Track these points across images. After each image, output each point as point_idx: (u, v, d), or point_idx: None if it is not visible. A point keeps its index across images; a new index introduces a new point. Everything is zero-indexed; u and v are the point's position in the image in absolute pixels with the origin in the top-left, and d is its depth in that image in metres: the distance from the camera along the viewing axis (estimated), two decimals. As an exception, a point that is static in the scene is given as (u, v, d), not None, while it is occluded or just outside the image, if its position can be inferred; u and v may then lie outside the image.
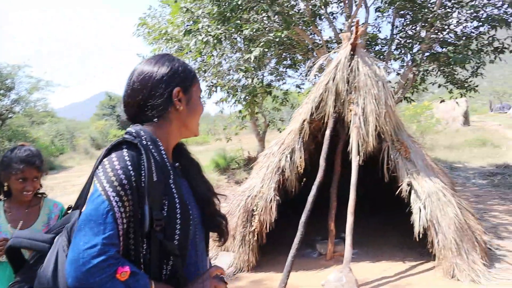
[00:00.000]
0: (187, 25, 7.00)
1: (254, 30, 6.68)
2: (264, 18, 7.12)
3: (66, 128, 27.44)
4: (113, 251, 1.13)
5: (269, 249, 5.35)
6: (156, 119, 1.37)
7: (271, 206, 5.11)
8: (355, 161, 4.92)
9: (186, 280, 1.31)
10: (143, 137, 1.31)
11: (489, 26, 8.23)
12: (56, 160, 19.44)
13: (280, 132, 9.95)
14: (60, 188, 12.21)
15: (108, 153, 1.25)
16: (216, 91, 8.91)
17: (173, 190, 1.30)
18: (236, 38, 8.05)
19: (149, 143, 1.30)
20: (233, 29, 6.74)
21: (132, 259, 1.22)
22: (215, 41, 6.65)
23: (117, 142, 1.27)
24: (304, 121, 5.27)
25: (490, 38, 8.23)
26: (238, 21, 6.79)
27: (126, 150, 1.24)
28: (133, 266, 1.16)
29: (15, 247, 1.35)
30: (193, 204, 1.42)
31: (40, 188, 2.45)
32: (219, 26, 6.76)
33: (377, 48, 9.95)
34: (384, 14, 9.76)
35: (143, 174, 1.22)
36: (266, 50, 6.85)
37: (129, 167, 1.21)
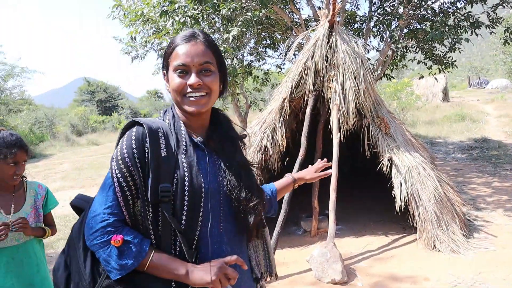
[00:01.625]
0: (163, 6, 6.87)
1: (232, 10, 6.59)
2: (242, -3, 7.03)
3: (45, 116, 26.94)
4: (112, 220, 1.30)
5: (254, 228, 5.37)
6: None
7: (255, 186, 5.12)
8: (336, 138, 4.95)
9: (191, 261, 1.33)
10: (166, 114, 1.47)
11: (465, 2, 8.29)
12: (36, 148, 19.12)
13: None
14: (42, 176, 12.06)
15: (123, 132, 1.39)
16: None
17: (184, 164, 1.35)
18: (214, 18, 7.94)
19: (171, 120, 1.44)
20: (210, 9, 6.63)
21: (141, 229, 1.35)
22: (193, 21, 6.55)
23: (129, 124, 1.40)
24: (284, 99, 5.26)
25: (466, 14, 8.28)
26: (215, 1, 6.69)
27: (135, 129, 1.36)
28: (130, 235, 1.30)
29: (74, 206, 1.56)
30: (221, 187, 1.43)
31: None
32: (196, 6, 6.64)
33: (356, 25, 9.93)
34: (362, -9, 9.74)
35: (147, 151, 1.32)
36: (245, 29, 6.77)
37: (133, 145, 1.32)
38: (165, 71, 1.47)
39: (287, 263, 4.71)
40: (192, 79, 1.37)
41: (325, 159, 2.16)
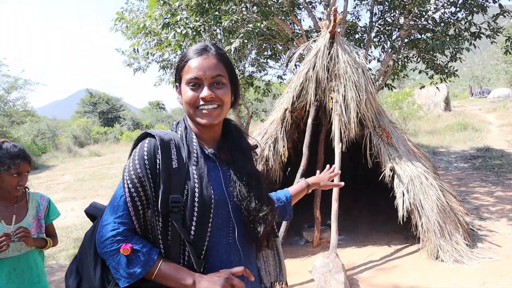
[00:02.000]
0: (165, 18, 6.93)
1: (233, 22, 6.64)
2: (243, 9, 7.08)
3: (47, 127, 27.03)
4: (122, 229, 1.33)
5: (256, 239, 5.35)
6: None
7: (256, 196, 5.11)
8: (337, 148, 4.95)
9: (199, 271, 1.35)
10: (178, 126, 1.49)
11: (466, 12, 8.33)
12: (39, 159, 19.17)
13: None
14: (44, 187, 12.08)
15: (136, 143, 1.43)
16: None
17: (195, 176, 1.37)
18: (215, 30, 8.01)
19: (183, 132, 1.46)
20: (212, 21, 6.69)
21: (150, 238, 1.37)
22: (194, 33, 6.60)
23: (142, 135, 1.44)
24: (285, 110, 5.28)
25: (467, 24, 8.33)
26: (217, 13, 6.75)
27: (147, 141, 1.39)
28: (139, 244, 1.32)
29: (88, 213, 1.60)
30: (231, 198, 1.45)
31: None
32: (197, 18, 6.69)
33: (357, 36, 9.99)
34: (363, 2, 9.78)
35: (158, 162, 1.35)
36: (246, 41, 6.82)
37: (145, 156, 1.35)
38: (177, 84, 1.51)
39: (289, 274, 4.65)
40: (205, 92, 1.40)
41: (333, 166, 2.20)
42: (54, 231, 2.67)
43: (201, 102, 1.41)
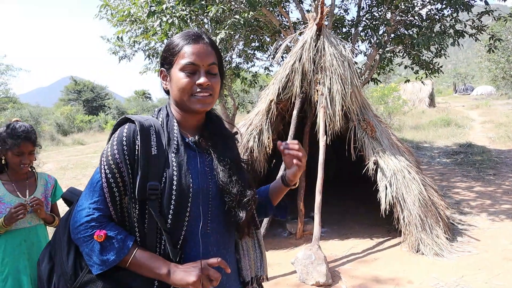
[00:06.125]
0: (151, 6, 6.81)
1: (220, 11, 6.57)
2: (231, -1, 7.02)
3: (29, 114, 26.57)
4: (97, 215, 1.31)
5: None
6: (168, 96, 1.51)
7: (240, 187, 5.10)
8: (322, 141, 4.96)
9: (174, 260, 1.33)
10: (160, 113, 1.48)
11: (452, 9, 8.38)
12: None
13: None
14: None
15: (116, 128, 1.41)
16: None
17: (174, 163, 1.35)
18: (202, 20, 7.92)
19: (164, 119, 1.44)
20: (199, 10, 6.62)
21: (127, 226, 1.36)
22: (181, 22, 6.51)
23: (122, 120, 1.42)
24: (271, 101, 5.26)
25: (452, 21, 8.38)
26: (204, 2, 6.66)
27: (127, 126, 1.37)
28: (114, 231, 1.30)
29: (65, 198, 1.60)
30: (211, 187, 1.42)
31: (34, 161, 2.60)
32: (184, 7, 6.61)
33: (344, 30, 9.99)
34: (351, -5, 9.79)
35: (137, 148, 1.33)
36: (233, 32, 6.75)
37: (124, 141, 1.33)
38: (164, 69, 1.47)
39: (271, 265, 4.70)
40: (202, 78, 1.38)
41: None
42: (58, 210, 2.76)
43: (197, 89, 1.39)
